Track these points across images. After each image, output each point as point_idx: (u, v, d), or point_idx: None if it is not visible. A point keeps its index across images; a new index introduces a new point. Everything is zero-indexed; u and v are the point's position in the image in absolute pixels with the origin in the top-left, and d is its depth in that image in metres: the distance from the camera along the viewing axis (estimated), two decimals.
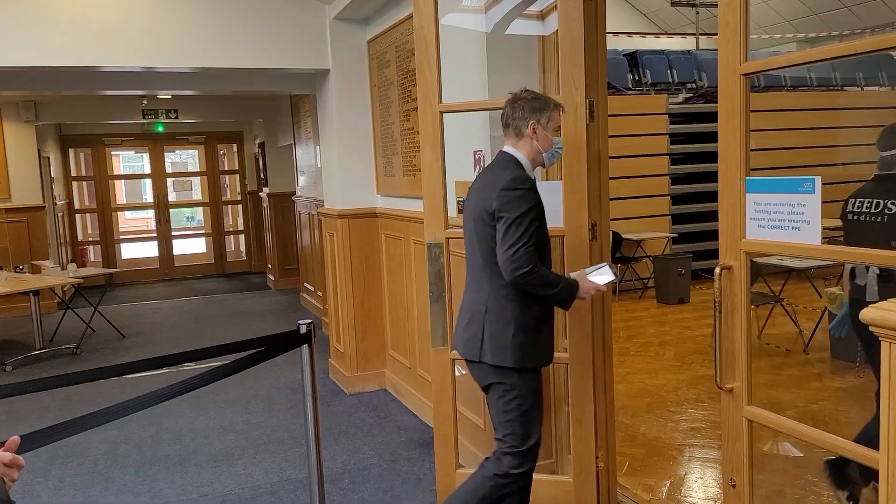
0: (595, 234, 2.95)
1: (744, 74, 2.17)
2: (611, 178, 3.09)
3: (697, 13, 10.75)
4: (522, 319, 2.36)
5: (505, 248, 2.25)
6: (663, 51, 9.27)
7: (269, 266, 10.10)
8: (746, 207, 2.20)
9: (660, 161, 8.07)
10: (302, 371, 2.88)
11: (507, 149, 2.48)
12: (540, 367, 2.47)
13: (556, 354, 3.25)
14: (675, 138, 8.11)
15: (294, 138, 8.20)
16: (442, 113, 3.03)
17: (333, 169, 5.07)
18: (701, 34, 11.00)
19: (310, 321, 2.84)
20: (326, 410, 4.57)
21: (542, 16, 3.15)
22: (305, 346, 2.80)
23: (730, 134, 2.21)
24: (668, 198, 8.17)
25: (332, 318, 5.36)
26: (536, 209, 2.32)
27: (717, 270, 2.25)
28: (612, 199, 3.14)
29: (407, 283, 4.47)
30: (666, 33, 11.64)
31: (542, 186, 3.09)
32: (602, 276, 2.54)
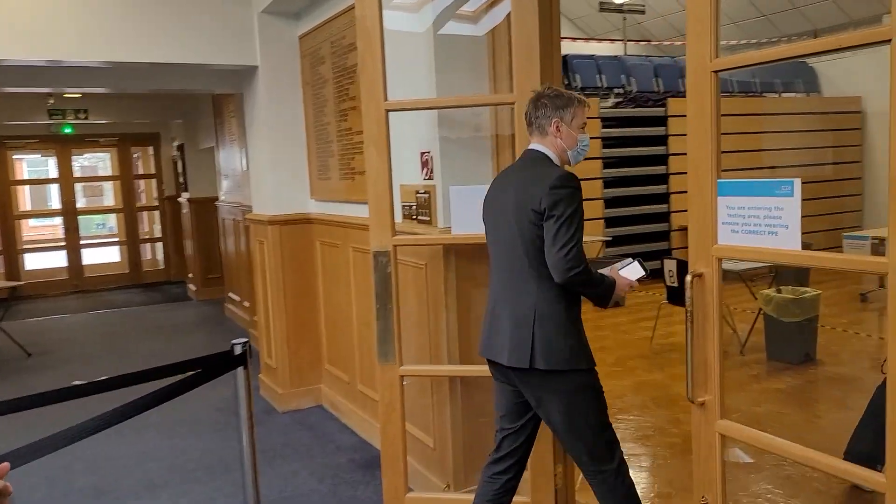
0: None
1: (714, 71, 2.06)
2: None
3: (625, 19, 10.90)
4: (572, 320, 2.28)
5: (558, 248, 2.14)
6: (592, 56, 9.33)
7: (190, 275, 9.59)
8: (718, 211, 2.09)
9: (593, 164, 8.08)
10: (237, 395, 2.61)
11: (536, 146, 2.37)
12: (594, 365, 2.33)
13: None
14: (608, 142, 8.15)
15: (217, 140, 7.79)
16: (388, 111, 2.82)
17: (263, 173, 4.76)
18: (628, 40, 11.17)
19: (245, 340, 2.57)
20: (258, 431, 4.25)
21: (489, 6, 2.98)
22: (240, 369, 2.53)
23: (700, 134, 2.10)
24: (602, 201, 8.19)
25: (262, 332, 5.04)
26: (581, 207, 2.25)
27: (689, 278, 2.13)
28: None
29: (346, 292, 4.23)
30: (593, 39, 11.77)
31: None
32: (633, 272, 2.44)
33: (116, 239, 11.48)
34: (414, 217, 3.22)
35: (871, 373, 5.22)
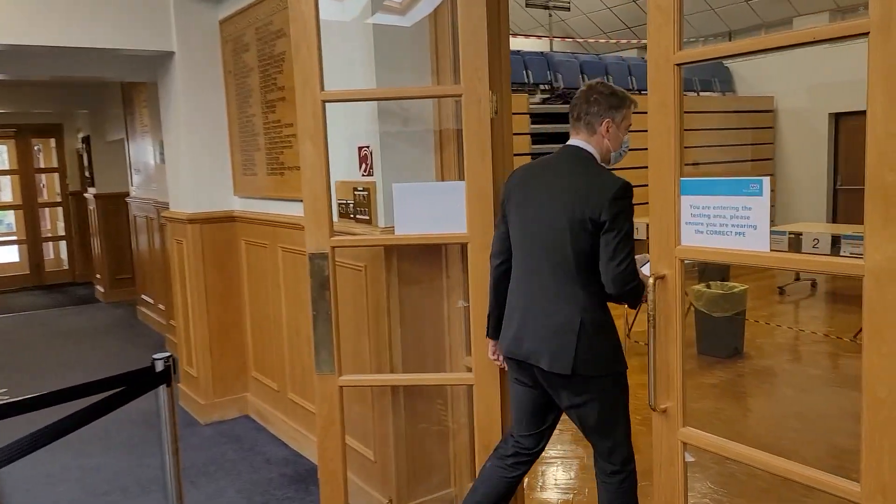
0: None
1: (678, 64, 1.97)
2: None
3: (550, 16, 10.94)
4: (610, 324, 2.29)
5: (617, 262, 2.13)
6: (518, 51, 9.30)
7: (98, 276, 8.98)
8: (682, 211, 2.00)
9: (522, 161, 8.02)
10: (159, 414, 2.35)
11: (580, 143, 2.30)
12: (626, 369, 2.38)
13: (456, 375, 2.97)
14: (537, 138, 8.12)
15: (127, 132, 7.29)
16: (325, 102, 2.61)
17: (181, 167, 4.43)
18: (554, 37, 11.22)
19: (167, 355, 2.31)
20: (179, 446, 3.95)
21: None
22: (163, 386, 2.27)
23: (661, 130, 2.01)
24: None
25: (181, 338, 4.71)
26: None
27: (651, 281, 2.03)
28: None
29: (274, 295, 3.97)
30: (519, 34, 11.76)
31: (440, 187, 2.80)
32: (647, 269, 2.36)
33: (15, 238, 10.66)
34: (352, 216, 3.03)
35: (795, 365, 5.37)
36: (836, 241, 6.24)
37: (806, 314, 7.07)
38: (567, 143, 2.33)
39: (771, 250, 1.81)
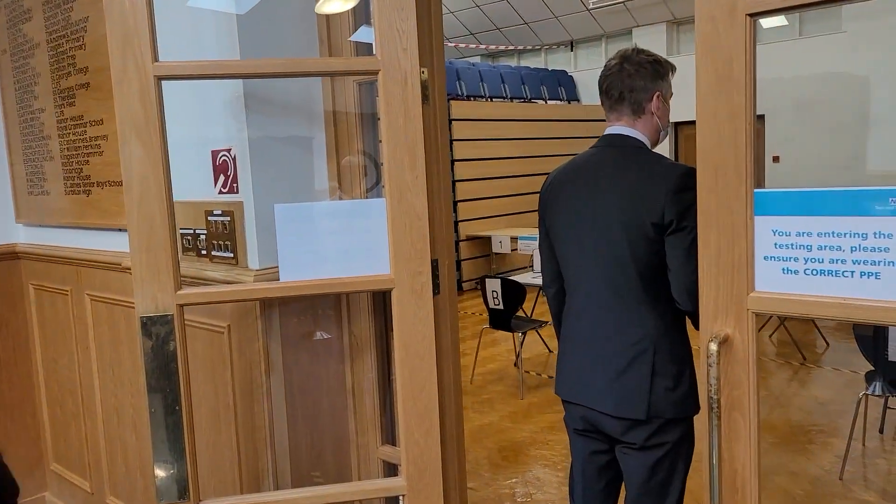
0: (439, 282, 1.85)
1: (750, 15, 1.29)
2: None
3: None
4: (688, 353, 1.87)
5: (694, 267, 1.60)
6: None
7: None
8: (756, 239, 1.32)
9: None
10: None
11: (623, 129, 1.89)
12: None
13: (378, 484, 2.10)
14: None
15: None
16: (160, 79, 1.65)
17: None
18: None
19: None
20: None
21: None
22: None
23: (721, 115, 1.33)
24: None
25: None
26: None
27: (714, 347, 1.33)
28: None
29: (83, 362, 2.84)
30: None
31: (348, 208, 1.94)
32: None
33: None
34: (203, 252, 2.07)
35: None
36: None
37: None
38: (606, 132, 1.93)
39: None
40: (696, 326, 1.93)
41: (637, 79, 1.87)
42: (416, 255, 1.75)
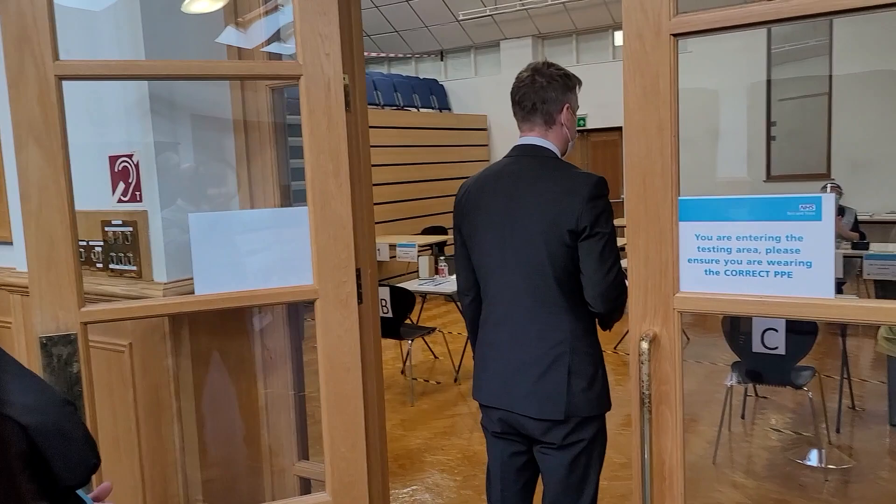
0: (362, 291, 1.83)
1: (675, 35, 1.38)
2: None
3: None
4: (600, 354, 1.95)
5: (606, 272, 1.82)
6: None
7: None
8: (681, 243, 1.42)
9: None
10: None
11: (536, 139, 1.94)
12: None
13: (303, 501, 2.03)
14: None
15: None
16: (61, 79, 1.52)
17: None
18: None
19: None
20: None
21: None
22: None
23: (649, 128, 1.41)
24: None
25: None
26: None
27: (645, 345, 1.41)
28: None
29: None
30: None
31: (268, 218, 1.86)
32: None
33: None
34: (99, 265, 1.91)
35: None
36: None
37: None
38: (520, 142, 1.92)
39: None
40: (605, 328, 2.03)
41: (549, 90, 1.92)
42: (341, 264, 1.72)
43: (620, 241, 2.28)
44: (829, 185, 6.34)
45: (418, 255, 5.89)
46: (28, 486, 0.78)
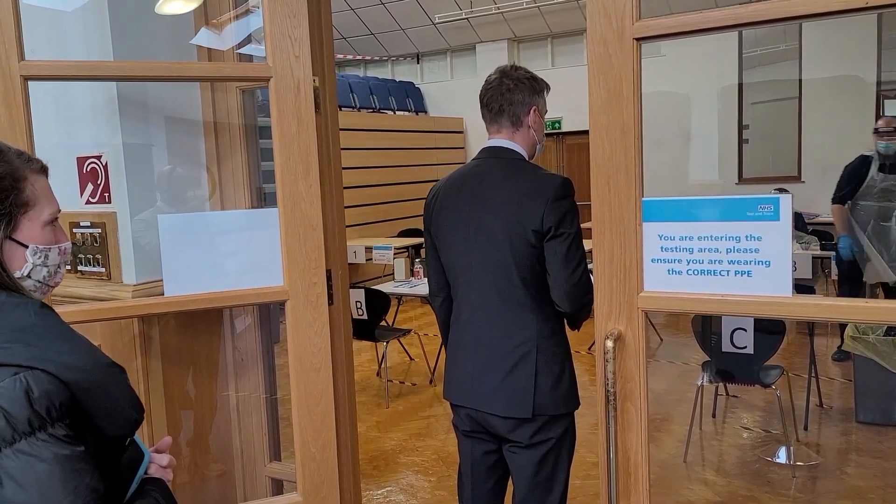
0: (332, 292, 1.83)
1: (637, 39, 1.41)
2: None
3: None
4: (567, 353, 1.96)
5: (571, 272, 1.83)
6: None
7: None
8: (644, 244, 1.45)
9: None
10: None
11: (503, 141, 1.96)
12: None
13: (274, 502, 2.03)
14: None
15: None
16: (27, 80, 1.51)
17: None
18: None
19: None
20: None
21: None
22: None
23: (613, 131, 1.44)
24: None
25: None
26: None
27: (610, 344, 1.44)
28: None
29: None
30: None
31: (238, 219, 1.87)
32: None
33: None
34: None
35: None
36: None
37: None
38: (487, 144, 1.95)
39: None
40: (573, 327, 2.06)
41: (516, 93, 1.93)
42: (311, 265, 1.73)
43: (588, 243, 2.30)
44: (775, 191, 6.47)
45: (394, 258, 5.90)
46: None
